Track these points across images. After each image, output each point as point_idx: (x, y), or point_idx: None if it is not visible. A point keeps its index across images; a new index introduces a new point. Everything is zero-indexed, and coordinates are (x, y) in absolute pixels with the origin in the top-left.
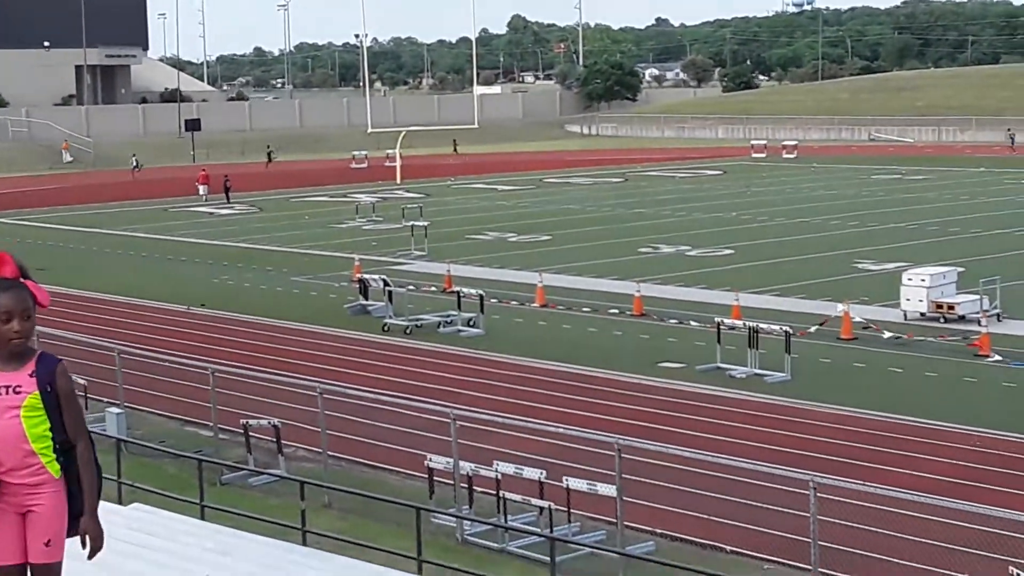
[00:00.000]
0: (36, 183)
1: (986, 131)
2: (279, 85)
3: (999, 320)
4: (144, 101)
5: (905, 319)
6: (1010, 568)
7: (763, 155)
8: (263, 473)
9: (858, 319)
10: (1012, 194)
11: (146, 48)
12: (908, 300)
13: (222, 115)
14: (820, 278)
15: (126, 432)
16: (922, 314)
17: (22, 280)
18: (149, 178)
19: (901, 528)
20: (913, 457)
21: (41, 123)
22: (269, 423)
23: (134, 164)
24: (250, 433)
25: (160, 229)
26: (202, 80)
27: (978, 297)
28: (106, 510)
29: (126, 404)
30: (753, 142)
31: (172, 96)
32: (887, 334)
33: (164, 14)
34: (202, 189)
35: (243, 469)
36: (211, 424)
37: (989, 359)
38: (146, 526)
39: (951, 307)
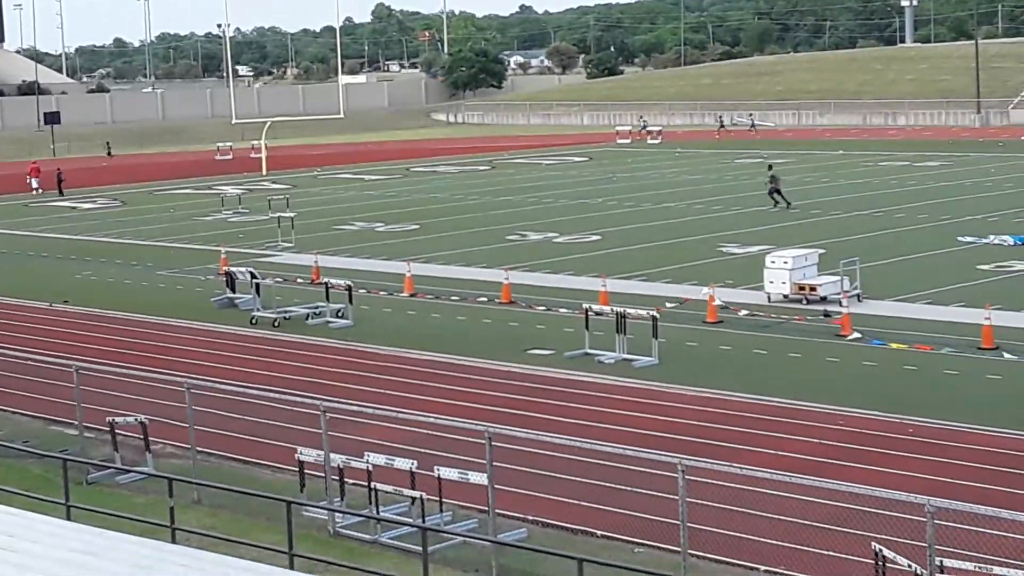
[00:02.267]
0: None
1: (844, 114)
2: (140, 77)
3: (859, 300)
4: (1, 94)
5: (769, 301)
6: (873, 544)
7: (628, 141)
8: (130, 471)
9: (720, 302)
10: (870, 176)
11: (2, 39)
12: (771, 283)
13: (82, 108)
14: (686, 262)
15: None
16: (785, 296)
17: None
18: (8, 173)
19: (768, 508)
20: (779, 437)
21: None
22: (136, 420)
23: None
24: (116, 431)
25: (19, 224)
26: (61, 72)
27: (839, 278)
28: None
29: None
30: (618, 128)
31: (30, 88)
32: (742, 312)
33: (20, 4)
34: (34, 182)
35: (110, 468)
36: (76, 423)
37: (850, 338)
38: (9, 528)
39: (813, 288)
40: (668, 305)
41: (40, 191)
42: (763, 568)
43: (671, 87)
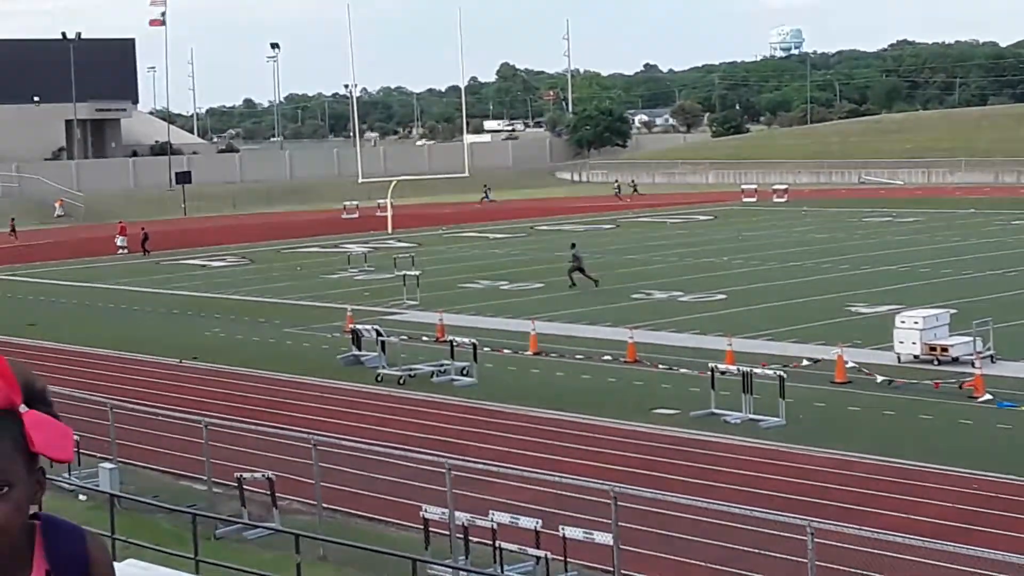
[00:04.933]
0: (29, 238)
1: (975, 172)
2: (270, 137)
3: (992, 361)
4: (135, 154)
5: (899, 361)
6: None
7: (754, 199)
8: (258, 526)
9: (851, 363)
10: (1001, 235)
11: (136, 101)
12: (901, 342)
13: (212, 167)
14: (813, 322)
15: (119, 487)
16: (915, 356)
17: (20, 409)
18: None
19: (899, 572)
20: (910, 500)
21: (31, 178)
22: (263, 476)
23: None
24: (244, 486)
25: (150, 283)
26: (192, 132)
27: (971, 339)
28: None
29: (119, 459)
30: (744, 186)
31: (162, 149)
32: (879, 378)
33: (154, 67)
34: (120, 240)
35: (238, 523)
36: (205, 478)
37: (981, 400)
38: None
39: (944, 349)
40: (805, 362)
41: (127, 251)
42: None
43: (797, 145)
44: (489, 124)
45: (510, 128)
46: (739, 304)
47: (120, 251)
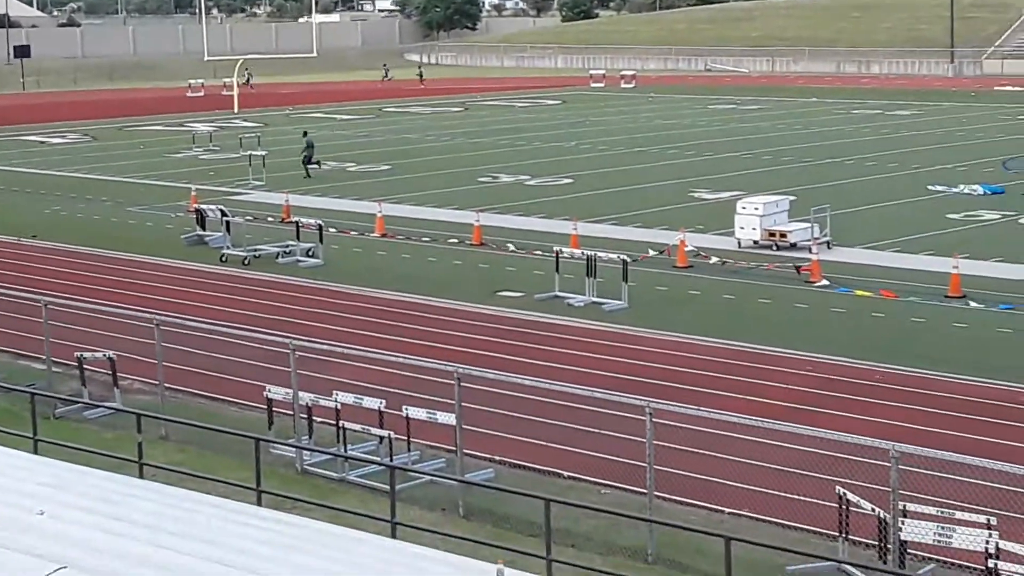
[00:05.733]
0: None
1: (819, 62)
2: (112, 12)
3: (829, 247)
4: None
5: (739, 247)
6: (838, 488)
7: (602, 85)
8: (98, 406)
9: (691, 247)
10: (841, 124)
11: None
12: (742, 228)
13: (52, 41)
14: (658, 207)
15: None
16: (755, 242)
17: None
18: None
19: (735, 452)
20: (747, 382)
21: None
22: (104, 356)
23: None
24: (85, 366)
25: None
26: (31, 5)
27: (809, 225)
28: None
29: None
30: (592, 72)
31: (0, 21)
32: (713, 259)
33: None
34: None
35: (78, 402)
36: (44, 357)
37: (818, 285)
38: None
39: (783, 235)
40: (651, 252)
41: None
42: (728, 511)
43: (645, 31)
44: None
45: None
46: (585, 188)
47: None
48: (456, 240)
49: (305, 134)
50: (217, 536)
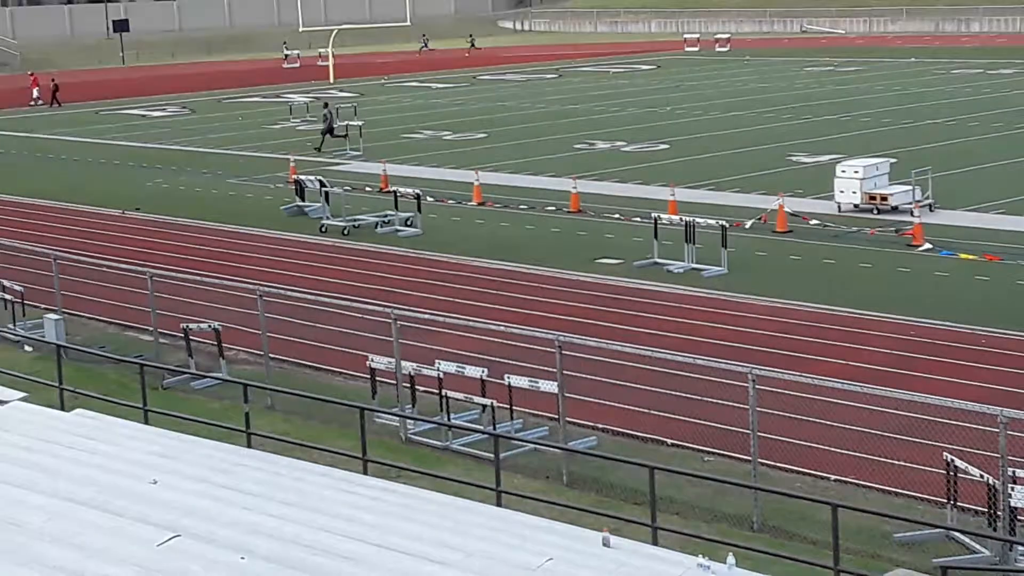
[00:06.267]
0: None
1: (917, 21)
2: None
3: (931, 210)
4: (71, 1)
5: (839, 211)
6: (945, 454)
7: (696, 49)
8: (205, 376)
9: (790, 211)
10: (941, 84)
11: None
12: (842, 192)
13: (151, 15)
14: (755, 171)
15: (64, 338)
16: (856, 206)
17: None
18: (79, 80)
19: (838, 417)
20: (850, 347)
21: None
22: (209, 327)
23: None
24: (191, 337)
25: (90, 132)
26: None
27: (910, 188)
28: (49, 416)
29: (64, 310)
30: (686, 36)
31: None
32: (812, 221)
33: None
34: (35, 92)
35: (185, 373)
36: (151, 329)
37: (921, 249)
38: (90, 431)
39: (884, 198)
40: (747, 223)
41: (39, 102)
42: (833, 477)
43: None
44: None
45: None
46: (682, 154)
47: (33, 103)
48: (554, 208)
49: (326, 105)
50: (326, 505)
